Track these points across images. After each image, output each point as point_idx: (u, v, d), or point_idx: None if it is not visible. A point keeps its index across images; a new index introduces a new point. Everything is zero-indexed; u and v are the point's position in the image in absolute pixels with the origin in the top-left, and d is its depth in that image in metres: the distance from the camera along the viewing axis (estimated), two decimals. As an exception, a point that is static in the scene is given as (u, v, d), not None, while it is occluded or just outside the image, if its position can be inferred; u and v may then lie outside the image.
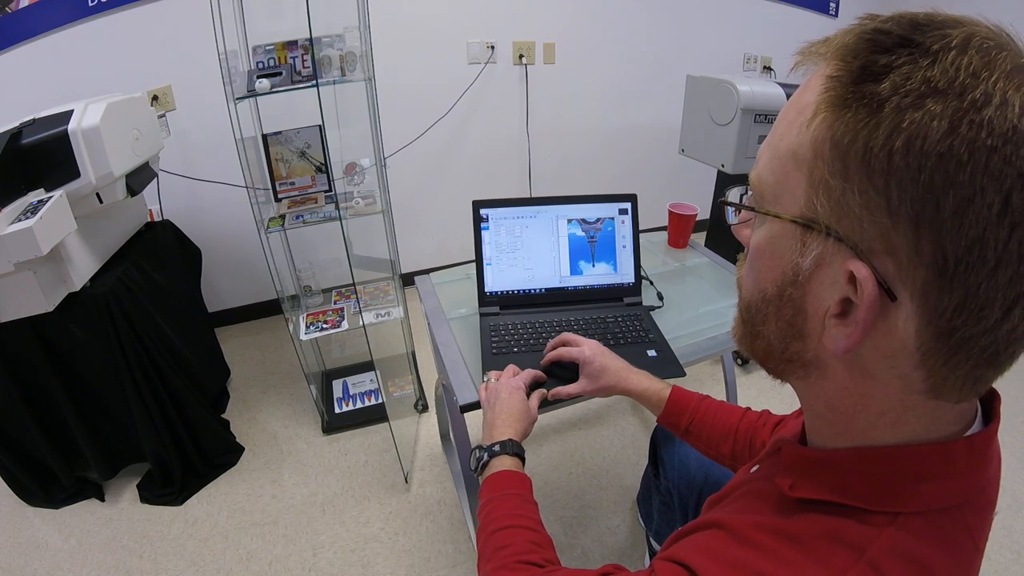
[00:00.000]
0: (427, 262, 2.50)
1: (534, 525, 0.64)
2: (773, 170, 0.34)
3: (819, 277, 0.32)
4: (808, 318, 0.34)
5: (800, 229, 0.32)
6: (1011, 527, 1.46)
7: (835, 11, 2.97)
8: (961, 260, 0.27)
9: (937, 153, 0.26)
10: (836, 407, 0.37)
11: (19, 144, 1.21)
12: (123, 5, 1.84)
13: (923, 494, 0.34)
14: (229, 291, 2.40)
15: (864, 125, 0.28)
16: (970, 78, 0.26)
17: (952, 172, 0.26)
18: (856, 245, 0.30)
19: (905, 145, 0.26)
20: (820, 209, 0.31)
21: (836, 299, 0.32)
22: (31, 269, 1.21)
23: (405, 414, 1.88)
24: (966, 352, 0.30)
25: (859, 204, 0.29)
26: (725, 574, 0.36)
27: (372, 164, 1.63)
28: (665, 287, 1.25)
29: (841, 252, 0.31)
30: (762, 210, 0.35)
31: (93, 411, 1.48)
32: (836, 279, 0.31)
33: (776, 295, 0.35)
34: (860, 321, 0.30)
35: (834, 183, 0.30)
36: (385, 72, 1.67)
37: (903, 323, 0.30)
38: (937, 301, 0.29)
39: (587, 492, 1.59)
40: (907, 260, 0.28)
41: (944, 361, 0.30)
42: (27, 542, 1.49)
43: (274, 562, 1.42)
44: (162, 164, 1.74)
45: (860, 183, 0.29)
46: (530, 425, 0.83)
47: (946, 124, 0.26)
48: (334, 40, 1.46)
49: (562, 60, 2.51)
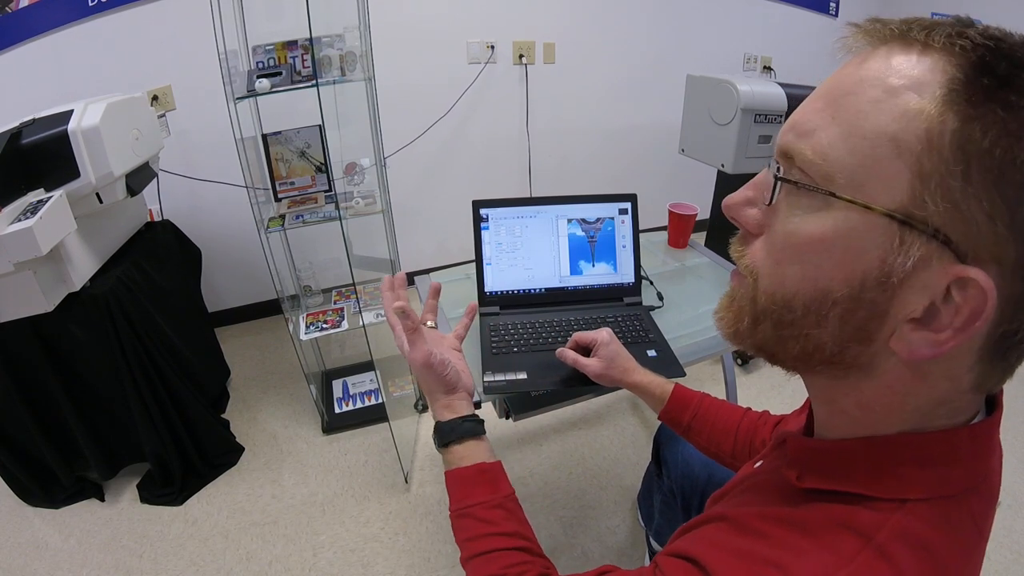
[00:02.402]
0: (427, 262, 2.50)
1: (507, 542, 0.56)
2: (854, 151, 0.30)
3: (913, 280, 0.30)
4: (886, 322, 0.32)
5: (897, 225, 0.29)
6: (1011, 527, 1.46)
7: (835, 11, 2.97)
8: None
9: None
10: (869, 406, 0.36)
11: (19, 144, 1.21)
12: (123, 5, 1.84)
13: (928, 480, 0.34)
14: (229, 291, 2.40)
15: (1006, 132, 0.26)
16: None
17: None
18: (965, 251, 0.28)
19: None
20: (932, 208, 0.28)
21: (924, 304, 0.30)
22: (31, 269, 1.21)
23: (405, 414, 1.88)
24: (1013, 349, 0.31)
25: (983, 211, 0.27)
26: (732, 563, 0.36)
27: (372, 164, 1.63)
28: (665, 287, 1.25)
29: (944, 256, 0.29)
30: (841, 196, 0.31)
31: (93, 411, 1.48)
32: (930, 283, 0.29)
33: (848, 296, 0.32)
34: (960, 328, 0.29)
35: (955, 184, 0.27)
36: (385, 72, 1.67)
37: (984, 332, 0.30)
38: (1017, 310, 0.29)
39: (587, 492, 1.59)
40: (1011, 272, 0.28)
41: (997, 359, 0.31)
42: (27, 542, 1.49)
43: (274, 562, 1.42)
44: (162, 164, 1.74)
45: (986, 189, 0.27)
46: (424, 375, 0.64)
47: None
48: (334, 40, 1.46)
49: (562, 60, 2.51)
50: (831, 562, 0.32)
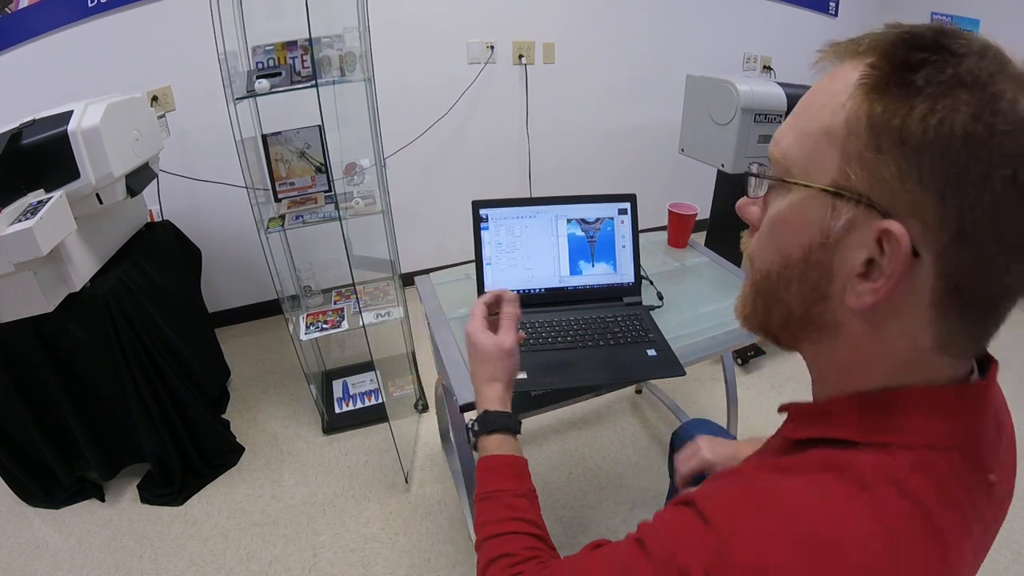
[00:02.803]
0: (427, 262, 2.50)
1: (526, 528, 0.59)
2: (802, 146, 0.38)
3: (848, 239, 0.36)
4: (833, 279, 0.37)
5: (831, 197, 0.36)
6: (1011, 527, 1.46)
7: (835, 11, 2.97)
8: (979, 224, 0.32)
9: (964, 133, 0.31)
10: (844, 366, 0.41)
11: (19, 145, 1.21)
12: (123, 5, 1.84)
13: (911, 428, 0.37)
14: (229, 291, 2.40)
15: (903, 107, 0.32)
16: (988, 78, 0.31)
17: (975, 150, 0.31)
18: (887, 210, 0.34)
19: (937, 125, 0.31)
20: (853, 178, 0.35)
21: (862, 259, 0.35)
22: (31, 269, 1.21)
23: (405, 414, 1.88)
24: (972, 307, 0.35)
25: (892, 174, 0.33)
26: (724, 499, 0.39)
27: (372, 164, 1.63)
28: (665, 287, 1.25)
29: (871, 216, 0.34)
30: (793, 180, 0.38)
31: (93, 411, 1.48)
32: (864, 241, 0.35)
33: (802, 259, 0.38)
34: (890, 275, 0.34)
35: (869, 155, 0.34)
36: (385, 72, 1.67)
37: (921, 280, 0.34)
38: (954, 260, 0.33)
39: (587, 492, 1.59)
40: (932, 223, 0.33)
41: (953, 316, 0.35)
42: (27, 542, 1.49)
43: (274, 562, 1.42)
44: (162, 164, 1.74)
45: (894, 156, 0.33)
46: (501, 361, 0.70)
47: (971, 111, 0.31)
48: (333, 40, 1.46)
49: (562, 60, 2.51)
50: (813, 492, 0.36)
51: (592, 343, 1.03)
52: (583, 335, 1.05)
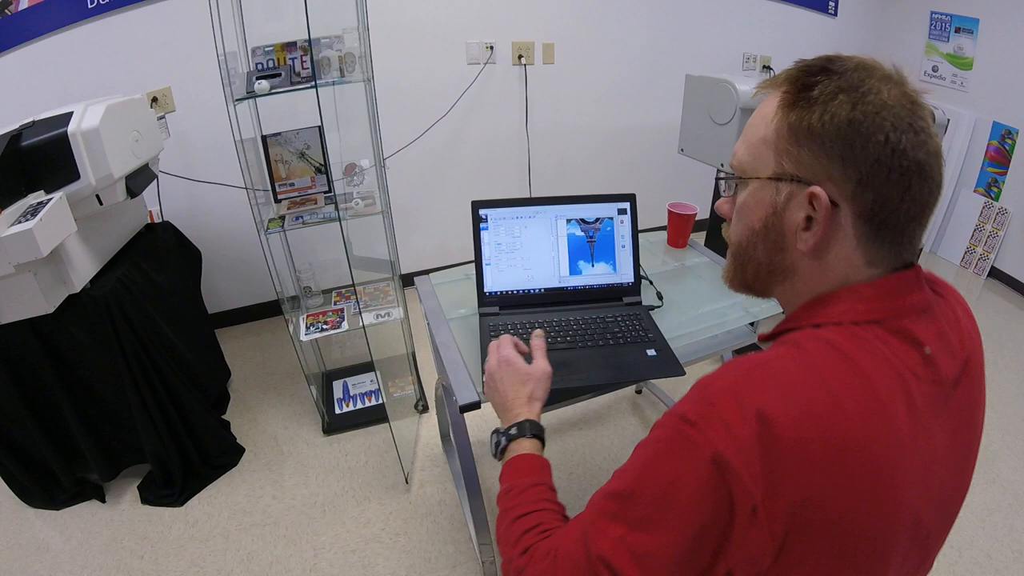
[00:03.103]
0: (427, 262, 2.50)
1: (559, 509, 0.67)
2: (750, 154, 0.54)
3: (790, 206, 0.51)
4: (786, 235, 0.52)
5: (774, 182, 0.51)
6: (1011, 526, 1.46)
7: (834, 11, 2.97)
8: (871, 172, 0.46)
9: (847, 120, 0.46)
10: (803, 294, 0.54)
11: (19, 146, 1.21)
12: (122, 7, 1.84)
13: (837, 311, 0.51)
14: (229, 292, 2.40)
15: (807, 113, 0.48)
16: (859, 81, 0.47)
17: (856, 127, 0.46)
18: (810, 180, 0.49)
19: (830, 120, 0.47)
20: (786, 166, 0.50)
21: (802, 216, 0.50)
22: (31, 271, 1.21)
23: (405, 414, 1.88)
24: (884, 230, 0.49)
25: (809, 156, 0.48)
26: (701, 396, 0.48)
27: (371, 165, 1.63)
28: (665, 287, 1.25)
29: (801, 188, 0.49)
30: (747, 177, 0.54)
31: (94, 412, 1.48)
32: (801, 204, 0.50)
33: (762, 227, 0.54)
34: (820, 221, 0.49)
35: (792, 149, 0.49)
36: (384, 73, 1.67)
37: (844, 220, 0.49)
38: (861, 201, 0.48)
39: (587, 492, 1.58)
40: (840, 180, 0.48)
41: (871, 239, 0.49)
42: (28, 543, 1.49)
43: (275, 563, 1.42)
44: (162, 166, 1.74)
45: (808, 145, 0.48)
46: (542, 383, 0.81)
47: (850, 105, 0.46)
48: (333, 41, 1.46)
49: (561, 60, 2.51)
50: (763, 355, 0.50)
51: (592, 343, 1.03)
52: (583, 335, 1.05)
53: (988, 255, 2.70)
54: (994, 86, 2.57)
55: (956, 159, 2.76)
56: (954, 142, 2.73)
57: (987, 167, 2.69)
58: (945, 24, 2.73)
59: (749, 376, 0.47)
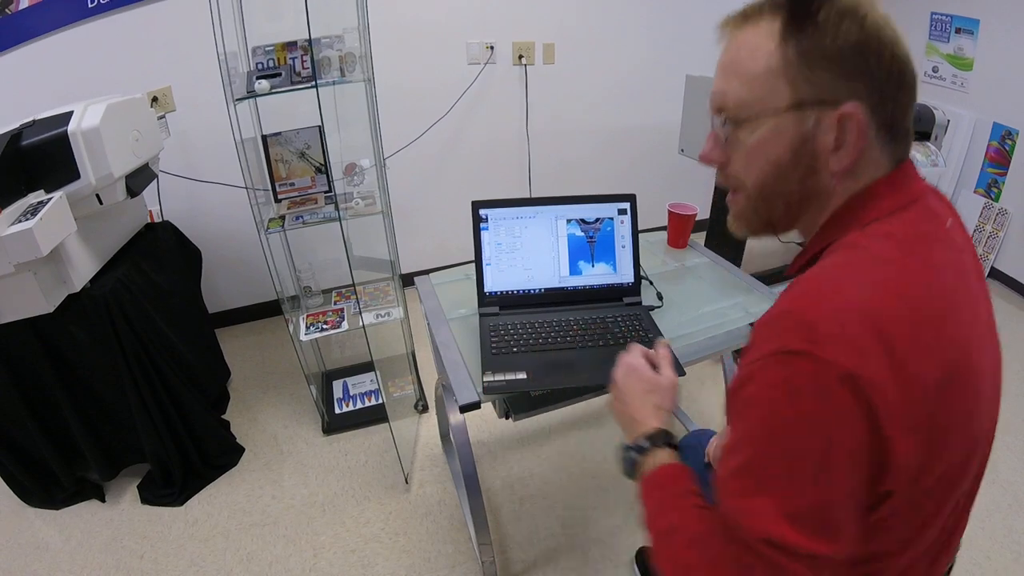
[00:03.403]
0: (427, 262, 2.49)
1: None
2: (751, 90, 0.53)
3: (820, 130, 0.51)
4: (818, 157, 0.52)
5: (794, 111, 0.51)
6: (1011, 526, 1.46)
7: (835, 11, 2.97)
8: (886, 84, 0.50)
9: (857, 39, 0.49)
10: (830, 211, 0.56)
11: (19, 145, 1.21)
12: (122, 6, 1.84)
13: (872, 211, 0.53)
14: (229, 292, 2.40)
15: (819, 37, 0.49)
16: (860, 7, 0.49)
17: (866, 45, 0.49)
18: (835, 100, 0.50)
19: (843, 42, 0.49)
20: (805, 92, 0.50)
21: (833, 137, 0.51)
22: (31, 270, 1.21)
23: (405, 414, 1.88)
24: (897, 130, 0.53)
25: (828, 78, 0.50)
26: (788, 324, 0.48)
27: (372, 165, 1.63)
28: (665, 287, 1.25)
29: (827, 109, 0.50)
30: (765, 113, 0.52)
31: (93, 412, 1.48)
32: (829, 127, 0.50)
33: (792, 156, 0.53)
34: (857, 139, 0.50)
35: (806, 72, 0.50)
36: (385, 73, 1.67)
37: (871, 132, 0.51)
38: (883, 111, 0.51)
39: (587, 492, 1.59)
40: (865, 96, 0.50)
41: (889, 142, 0.53)
42: (27, 543, 1.49)
43: (274, 563, 1.42)
44: (162, 165, 1.74)
45: (825, 67, 0.49)
46: (669, 393, 0.76)
47: (857, 26, 0.49)
48: (333, 41, 1.46)
49: (562, 60, 2.51)
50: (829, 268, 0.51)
51: (592, 343, 1.03)
52: (583, 335, 1.05)
53: (988, 256, 2.70)
54: (994, 87, 2.57)
55: (956, 160, 2.76)
56: (954, 143, 2.73)
57: (987, 168, 2.69)
58: (945, 25, 2.73)
59: (830, 285, 0.48)
